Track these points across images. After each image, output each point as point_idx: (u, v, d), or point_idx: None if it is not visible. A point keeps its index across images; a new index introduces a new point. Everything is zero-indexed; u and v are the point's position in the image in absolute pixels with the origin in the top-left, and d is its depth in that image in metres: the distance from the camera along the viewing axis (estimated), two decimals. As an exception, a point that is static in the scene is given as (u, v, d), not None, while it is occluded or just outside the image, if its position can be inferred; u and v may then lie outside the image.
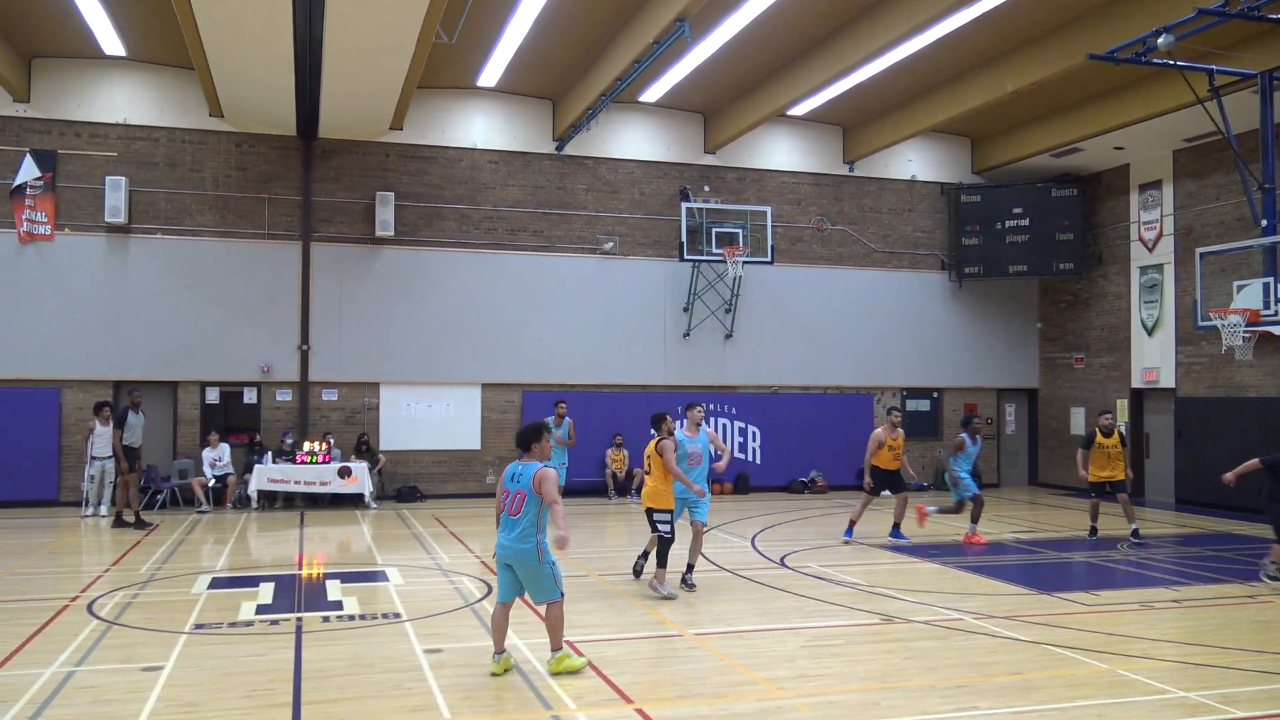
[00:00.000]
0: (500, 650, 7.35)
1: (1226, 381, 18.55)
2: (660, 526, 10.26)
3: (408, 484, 19.13)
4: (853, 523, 14.42)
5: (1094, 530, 14.82)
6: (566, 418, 18.01)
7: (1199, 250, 15.64)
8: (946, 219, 22.63)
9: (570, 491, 19.51)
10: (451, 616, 9.25)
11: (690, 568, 10.79)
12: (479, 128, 19.91)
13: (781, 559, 12.66)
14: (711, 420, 20.81)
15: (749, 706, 6.60)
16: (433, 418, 19.52)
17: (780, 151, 21.66)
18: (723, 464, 11.53)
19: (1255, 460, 11.31)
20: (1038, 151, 20.62)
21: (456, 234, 19.71)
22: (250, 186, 18.70)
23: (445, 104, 19.70)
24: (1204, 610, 9.91)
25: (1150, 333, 20.32)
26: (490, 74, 18.70)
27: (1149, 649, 8.25)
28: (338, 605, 9.68)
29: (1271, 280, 14.06)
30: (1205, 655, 8.07)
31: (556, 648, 7.39)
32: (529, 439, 7.49)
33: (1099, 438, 14.83)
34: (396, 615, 9.25)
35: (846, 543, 14.06)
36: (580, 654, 7.60)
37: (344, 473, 17.61)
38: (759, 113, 19.07)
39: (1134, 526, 14.47)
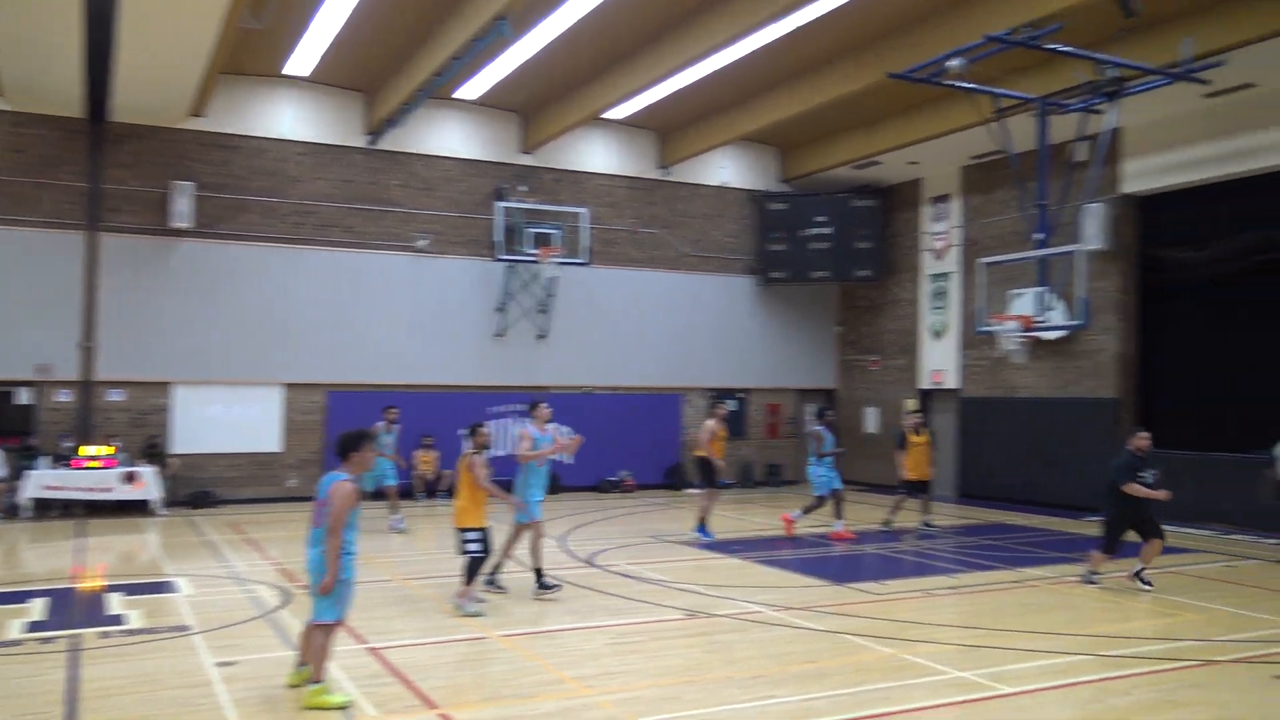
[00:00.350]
0: (306, 662, 6.82)
1: (1003, 383, 19.97)
2: (470, 546, 9.55)
3: (202, 489, 18.16)
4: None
5: (889, 523, 15.62)
6: (397, 424, 16.06)
7: (981, 261, 16.76)
8: (754, 225, 23.38)
9: (380, 495, 19.06)
10: (246, 627, 8.88)
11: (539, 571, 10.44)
12: (287, 118, 19.14)
13: (590, 558, 12.77)
14: (524, 421, 20.68)
15: (555, 706, 6.64)
16: (231, 419, 18.62)
17: (597, 154, 21.84)
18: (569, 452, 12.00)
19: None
20: (840, 163, 21.60)
21: (261, 228, 18.89)
22: (29, 170, 17.31)
23: (251, 91, 18.84)
24: (978, 595, 10.64)
25: (937, 337, 21.65)
26: (300, 63, 18.02)
27: (930, 633, 8.79)
28: (119, 619, 9.10)
29: (1043, 290, 15.21)
30: (979, 637, 8.66)
31: (317, 679, 6.58)
32: (347, 447, 6.92)
33: (911, 437, 15.73)
34: (185, 628, 8.79)
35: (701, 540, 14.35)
36: (345, 693, 6.72)
37: (130, 478, 16.55)
38: (577, 114, 19.17)
39: (926, 519, 15.39)
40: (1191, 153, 16.96)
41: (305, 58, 17.67)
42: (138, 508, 16.81)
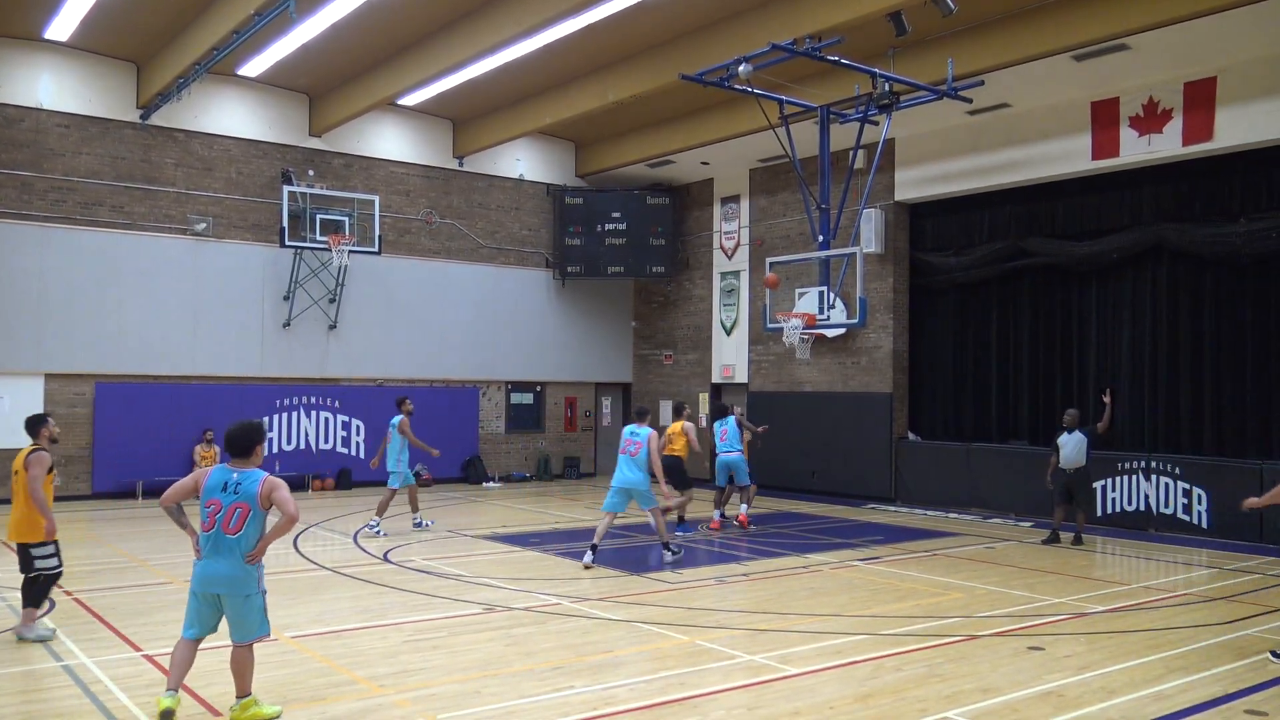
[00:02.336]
0: (174, 688, 6.04)
1: (789, 377, 20.93)
2: (41, 564, 8.07)
3: (-53, 489, 16.53)
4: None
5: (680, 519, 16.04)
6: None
7: (768, 260, 17.47)
8: (552, 219, 23.45)
9: (152, 492, 17.97)
10: (4, 638, 8.15)
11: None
12: (46, 86, 17.62)
13: (385, 554, 12.49)
14: (313, 414, 20.04)
15: (348, 707, 6.48)
16: (-19, 412, 17.04)
17: (390, 140, 21.29)
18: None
19: None
20: (635, 160, 21.97)
21: (17, 204, 17.32)
22: None
23: (4, 55, 17.22)
24: (767, 581, 11.13)
25: (728, 333, 22.43)
26: (62, 27, 16.63)
27: (722, 619, 9.13)
28: None
29: (825, 289, 16.04)
30: (768, 621, 9.07)
31: (244, 693, 6.13)
32: (253, 440, 6.19)
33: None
34: (-69, 641, 8.00)
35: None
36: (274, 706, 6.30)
37: None
38: (369, 99, 18.61)
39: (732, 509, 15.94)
40: (955, 165, 18.31)
41: (66, 21, 16.34)
42: None
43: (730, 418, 15.51)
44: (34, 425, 8.27)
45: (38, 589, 8.14)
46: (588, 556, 11.71)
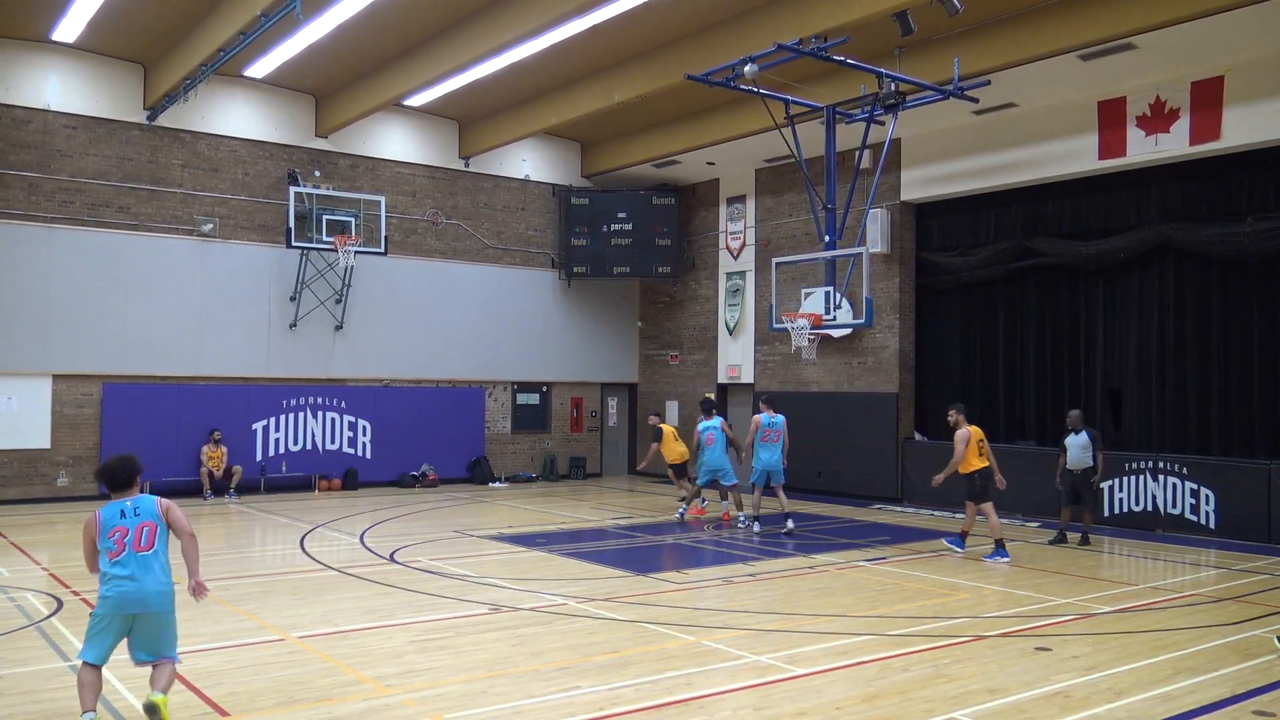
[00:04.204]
0: (93, 709, 5.89)
1: (795, 378, 20.91)
2: None
3: (-45, 489, 16.61)
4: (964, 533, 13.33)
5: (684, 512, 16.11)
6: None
7: (774, 260, 17.48)
8: (557, 219, 23.46)
9: (159, 491, 17.98)
10: (11, 638, 8.19)
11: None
12: (54, 87, 17.67)
13: (391, 554, 12.51)
14: (320, 414, 20.09)
15: (354, 707, 6.48)
16: (-11, 413, 17.10)
17: (396, 141, 21.32)
18: None
19: None
20: (640, 161, 21.97)
21: (24, 205, 17.38)
22: None
23: (11, 56, 17.28)
24: (773, 581, 11.12)
25: (733, 333, 22.42)
26: (69, 28, 16.68)
27: (728, 620, 9.13)
28: None
29: (830, 289, 16.02)
30: (774, 622, 9.07)
31: (166, 689, 6.07)
32: (133, 472, 6.26)
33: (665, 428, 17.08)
34: (-61, 641, 8.04)
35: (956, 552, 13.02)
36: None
37: None
38: (375, 100, 18.63)
39: (682, 509, 16.04)
40: (961, 165, 18.28)
41: (74, 22, 16.39)
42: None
43: (718, 419, 15.84)
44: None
45: None
46: (756, 526, 14.68)
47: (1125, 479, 15.58)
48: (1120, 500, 15.64)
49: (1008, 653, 7.99)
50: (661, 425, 17.28)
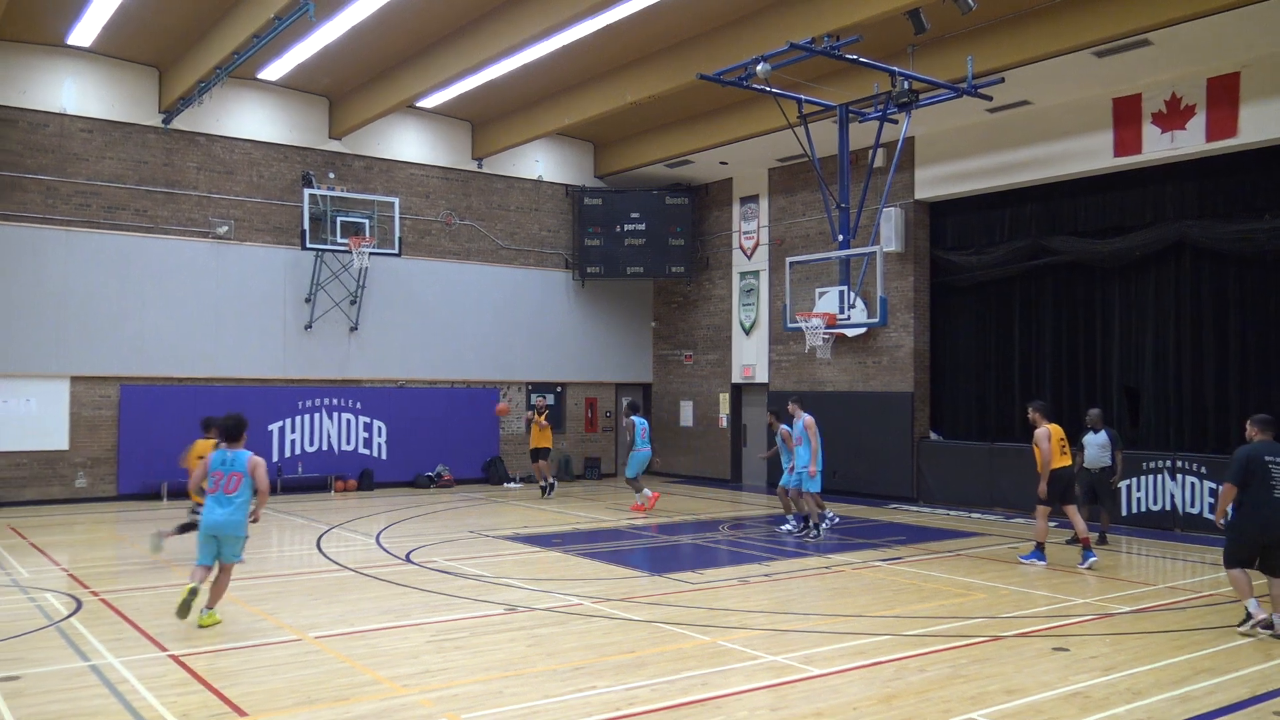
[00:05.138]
0: (211, 606, 8.64)
1: (810, 377, 20.87)
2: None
3: (-25, 491, 16.73)
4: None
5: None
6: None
7: (788, 259, 17.44)
8: (571, 220, 23.49)
9: (176, 493, 18.11)
10: (31, 639, 8.24)
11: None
12: (70, 91, 17.79)
13: (407, 555, 12.54)
14: (335, 415, 20.16)
15: (371, 707, 6.50)
16: (10, 415, 17.16)
17: (409, 143, 21.37)
18: None
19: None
20: (653, 161, 21.97)
21: (41, 209, 17.50)
22: None
23: (28, 61, 17.40)
24: (789, 582, 11.10)
25: (747, 333, 22.39)
26: (84, 32, 16.80)
27: (744, 620, 9.12)
28: (-118, 635, 8.29)
29: (845, 288, 15.98)
30: (790, 622, 9.05)
31: (212, 605, 8.66)
32: (241, 429, 8.92)
33: (538, 419, 19.13)
34: (-40, 642, 8.09)
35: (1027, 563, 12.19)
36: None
37: (-111, 480, 15.07)
38: (388, 101, 18.69)
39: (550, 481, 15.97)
40: (975, 163, 18.21)
41: (89, 26, 16.50)
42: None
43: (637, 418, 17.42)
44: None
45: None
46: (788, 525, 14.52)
47: (1143, 478, 15.50)
48: (1138, 500, 15.56)
49: (1025, 653, 7.95)
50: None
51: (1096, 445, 13.64)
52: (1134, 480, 15.52)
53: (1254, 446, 8.65)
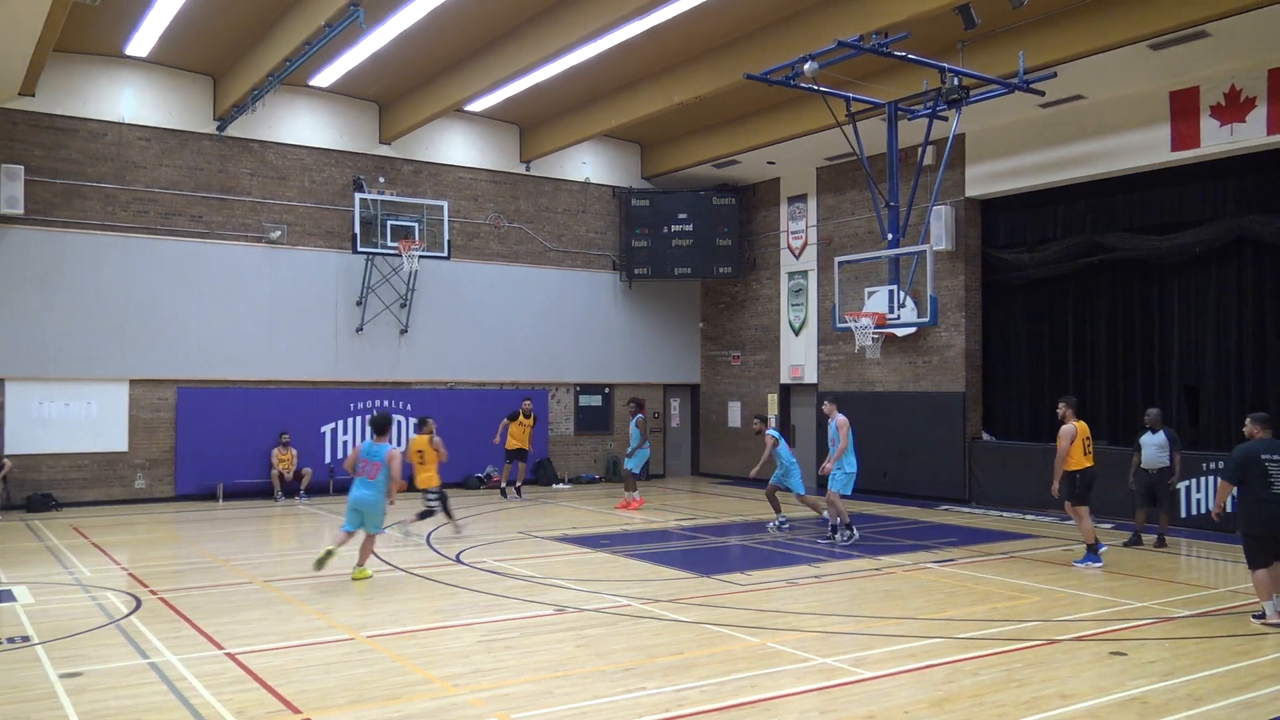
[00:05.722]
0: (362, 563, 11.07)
1: (859, 377, 20.70)
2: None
3: (40, 491, 17.13)
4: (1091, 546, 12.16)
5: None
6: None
7: (837, 259, 17.28)
8: (618, 221, 23.52)
9: (232, 494, 18.44)
10: (93, 636, 8.44)
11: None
12: (128, 100, 18.18)
13: (457, 555, 12.64)
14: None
15: (423, 706, 6.56)
16: (71, 417, 17.59)
17: (458, 146, 21.55)
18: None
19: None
20: (700, 161, 21.93)
21: (101, 216, 17.91)
22: None
23: (88, 71, 17.82)
24: (839, 583, 11.01)
25: (796, 333, 22.26)
26: (141, 43, 17.15)
27: (793, 621, 9.06)
28: (-49, 632, 8.53)
29: (895, 288, 15.81)
30: (840, 624, 8.98)
31: (361, 564, 10.95)
32: (386, 425, 11.37)
33: (521, 419, 19.36)
34: (25, 638, 8.29)
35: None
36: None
37: (-42, 481, 15.52)
38: (436, 106, 18.86)
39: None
40: (1027, 159, 17.93)
41: (146, 37, 16.84)
42: (-35, 514, 15.79)
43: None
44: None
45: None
46: (855, 534, 13.87)
47: (1203, 479, 15.15)
48: (1198, 501, 15.21)
49: (1081, 657, 7.81)
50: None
51: (1154, 446, 13.36)
52: (1193, 481, 15.18)
53: (1252, 445, 9.11)
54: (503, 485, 19.75)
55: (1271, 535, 8.81)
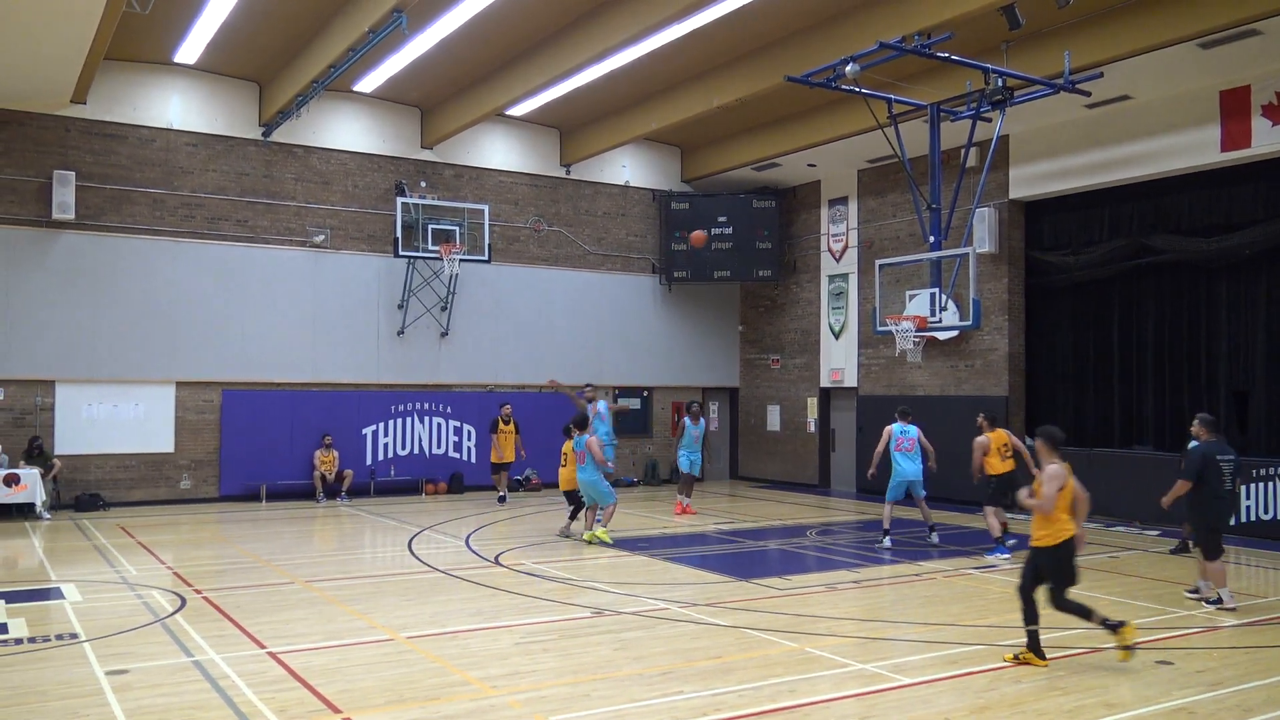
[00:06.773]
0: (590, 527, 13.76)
1: (900, 381, 20.52)
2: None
3: (89, 491, 17.47)
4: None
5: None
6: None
7: (878, 262, 17.16)
8: (657, 224, 23.53)
9: (275, 495, 18.68)
10: (139, 634, 8.57)
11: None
12: (175, 107, 18.50)
13: (496, 557, 12.70)
14: (426, 419, 20.54)
15: (461, 707, 6.59)
16: (119, 419, 17.92)
17: (499, 151, 21.68)
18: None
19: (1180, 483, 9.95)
20: (740, 164, 21.88)
21: (149, 220, 18.23)
22: (-106, 157, 16.38)
23: (137, 79, 18.16)
24: (879, 589, 10.92)
25: (836, 336, 22.12)
26: (189, 50, 17.45)
27: (833, 626, 9.00)
28: (2, 629, 8.71)
29: (936, 290, 15.66)
30: (880, 630, 8.90)
31: (605, 524, 13.76)
32: (584, 422, 14.01)
33: (501, 426, 18.88)
34: (74, 636, 8.45)
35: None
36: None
37: (10, 480, 15.85)
38: (478, 110, 18.99)
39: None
40: (1073, 161, 17.69)
41: (194, 44, 17.13)
42: (20, 512, 16.12)
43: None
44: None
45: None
46: (887, 541, 13.74)
47: (1253, 485, 14.85)
48: (1247, 508, 14.90)
49: (1127, 666, 7.68)
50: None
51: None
52: (1244, 488, 14.87)
53: (1209, 446, 9.86)
54: (502, 494, 19.18)
55: (1226, 528, 9.98)
